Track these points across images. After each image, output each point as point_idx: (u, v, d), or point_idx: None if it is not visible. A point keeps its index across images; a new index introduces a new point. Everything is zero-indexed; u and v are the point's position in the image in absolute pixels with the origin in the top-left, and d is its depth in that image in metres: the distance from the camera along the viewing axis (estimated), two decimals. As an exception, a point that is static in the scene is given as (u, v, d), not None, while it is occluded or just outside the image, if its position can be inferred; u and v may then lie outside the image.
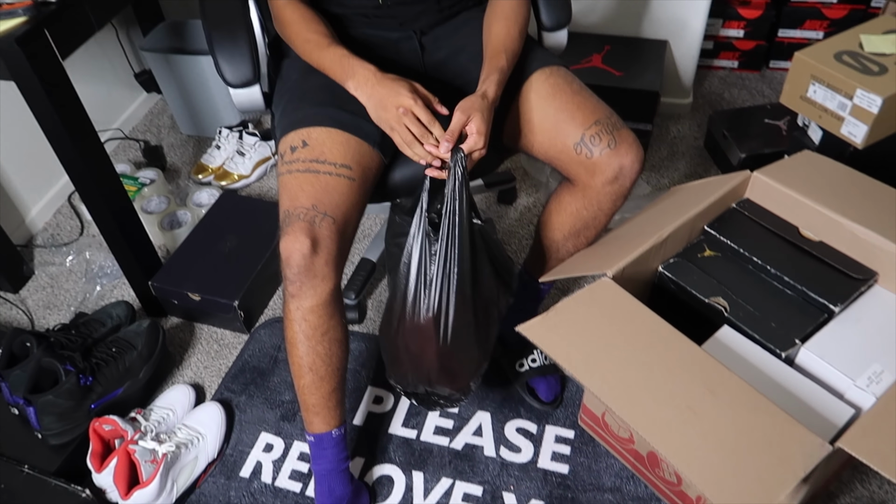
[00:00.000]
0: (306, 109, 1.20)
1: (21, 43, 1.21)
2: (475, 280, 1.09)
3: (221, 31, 1.25)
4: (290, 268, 1.09)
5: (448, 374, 1.16)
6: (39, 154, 1.94)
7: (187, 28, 2.18)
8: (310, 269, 1.08)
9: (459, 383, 1.18)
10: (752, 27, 2.21)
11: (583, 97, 1.20)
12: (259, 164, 2.09)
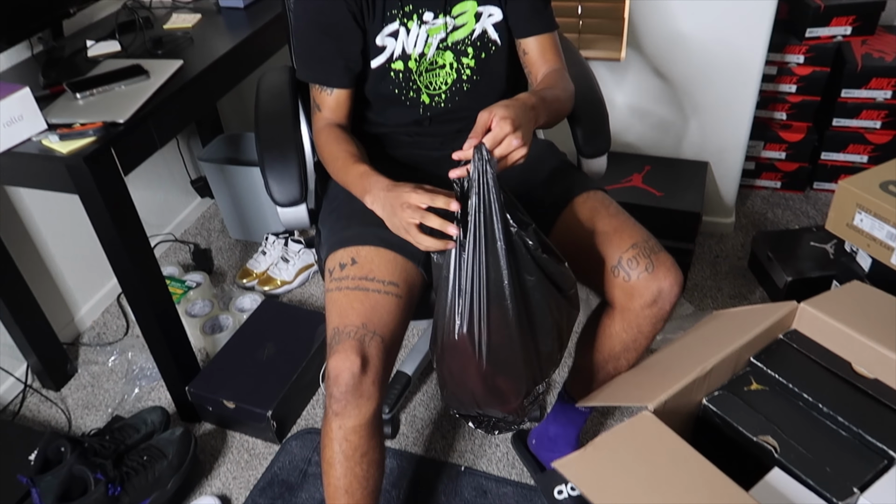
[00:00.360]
0: (354, 228, 1.22)
1: (88, 162, 1.29)
2: (516, 291, 1.01)
3: (273, 153, 1.31)
4: (338, 386, 1.08)
5: (494, 395, 1.11)
6: (93, 255, 2.02)
7: (243, 140, 2.30)
8: (357, 388, 1.08)
9: (510, 405, 1.13)
10: (794, 150, 2.22)
11: (620, 220, 1.22)
12: (302, 270, 2.14)
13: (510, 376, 1.10)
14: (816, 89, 2.13)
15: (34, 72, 1.61)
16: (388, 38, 1.22)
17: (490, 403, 1.12)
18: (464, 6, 1.23)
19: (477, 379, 1.09)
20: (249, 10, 1.90)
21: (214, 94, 1.73)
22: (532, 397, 1.13)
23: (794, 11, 2.04)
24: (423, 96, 1.27)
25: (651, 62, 1.96)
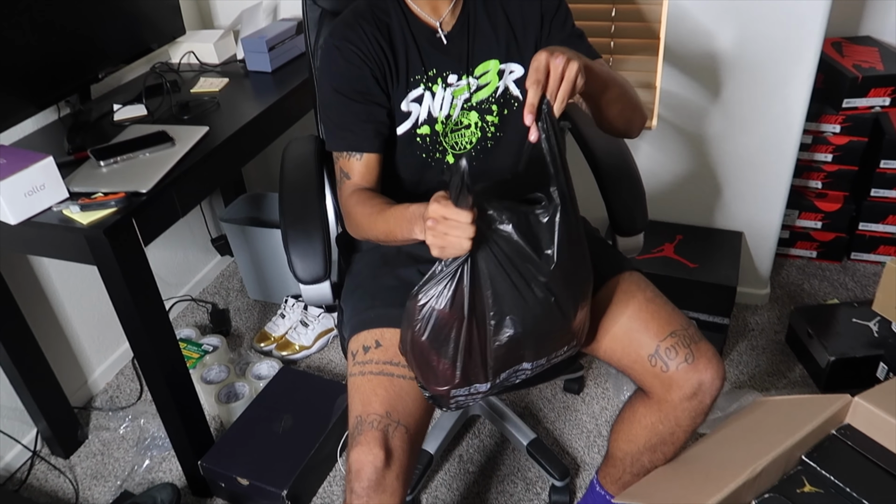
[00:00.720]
0: (379, 309, 1.19)
1: (109, 234, 1.26)
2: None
3: (297, 229, 1.27)
4: (360, 481, 1.03)
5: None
6: (110, 315, 1.98)
7: (266, 200, 2.27)
8: (380, 483, 1.03)
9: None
10: (831, 219, 2.15)
11: (657, 305, 1.16)
12: (321, 335, 2.08)
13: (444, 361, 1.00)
14: (853, 159, 2.07)
15: (59, 136, 1.60)
16: (412, 104, 1.20)
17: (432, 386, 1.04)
18: (486, 65, 1.22)
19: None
20: (276, 75, 1.89)
21: (240, 161, 1.70)
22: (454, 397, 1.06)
23: (830, 81, 1.99)
24: (449, 157, 1.24)
25: (683, 130, 1.92)
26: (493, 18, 1.22)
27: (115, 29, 1.73)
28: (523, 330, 0.99)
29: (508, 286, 0.97)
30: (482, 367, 1.03)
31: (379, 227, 1.11)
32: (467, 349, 1.00)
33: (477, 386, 1.05)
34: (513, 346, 1.01)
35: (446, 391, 1.05)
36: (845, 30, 2.14)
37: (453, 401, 1.08)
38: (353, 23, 1.18)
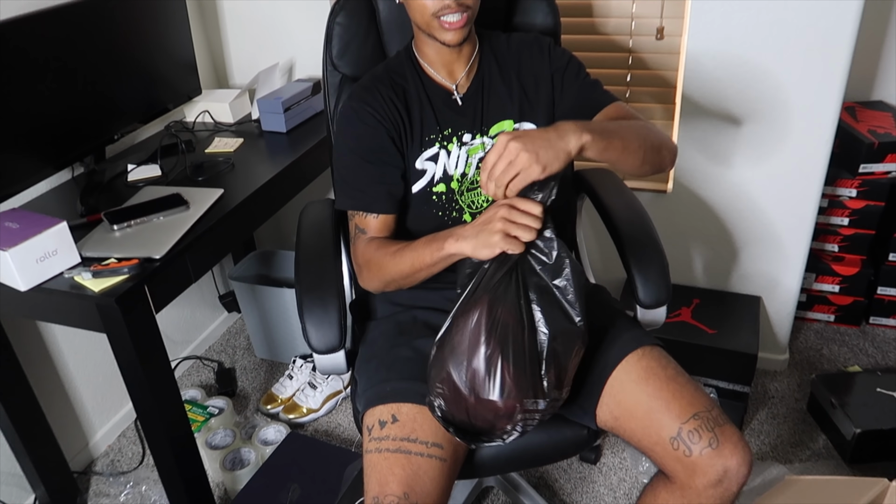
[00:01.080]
0: (395, 383, 1.16)
1: (120, 302, 1.23)
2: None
3: (313, 296, 1.23)
4: None
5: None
6: (115, 375, 1.94)
7: (276, 258, 2.25)
8: None
9: (504, 408, 1.01)
10: (849, 283, 2.12)
11: (678, 384, 1.10)
12: (330, 397, 2.03)
13: (511, 369, 1.00)
14: (870, 223, 2.05)
15: (72, 196, 1.59)
16: (427, 162, 1.22)
17: (482, 403, 1.01)
18: (501, 125, 1.24)
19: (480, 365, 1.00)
20: (291, 135, 1.89)
21: (254, 224, 1.68)
22: (523, 412, 1.02)
23: (846, 146, 1.99)
24: (466, 216, 1.24)
25: (699, 193, 1.91)
26: (506, 80, 1.25)
27: (133, 89, 1.73)
28: (564, 342, 1.02)
29: (548, 301, 1.03)
30: (541, 378, 1.01)
31: (405, 259, 1.12)
32: (530, 354, 1.01)
33: (539, 402, 1.02)
34: (558, 362, 1.02)
35: (513, 408, 1.01)
36: (858, 94, 2.15)
37: (519, 423, 1.03)
38: (370, 86, 1.22)
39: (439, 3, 1.11)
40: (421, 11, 1.14)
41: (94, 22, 1.59)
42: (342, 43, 1.42)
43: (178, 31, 1.86)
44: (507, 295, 1.01)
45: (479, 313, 1.01)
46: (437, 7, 1.11)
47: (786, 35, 1.64)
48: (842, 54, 1.61)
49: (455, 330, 1.02)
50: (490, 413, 1.02)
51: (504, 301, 1.01)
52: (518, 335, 1.00)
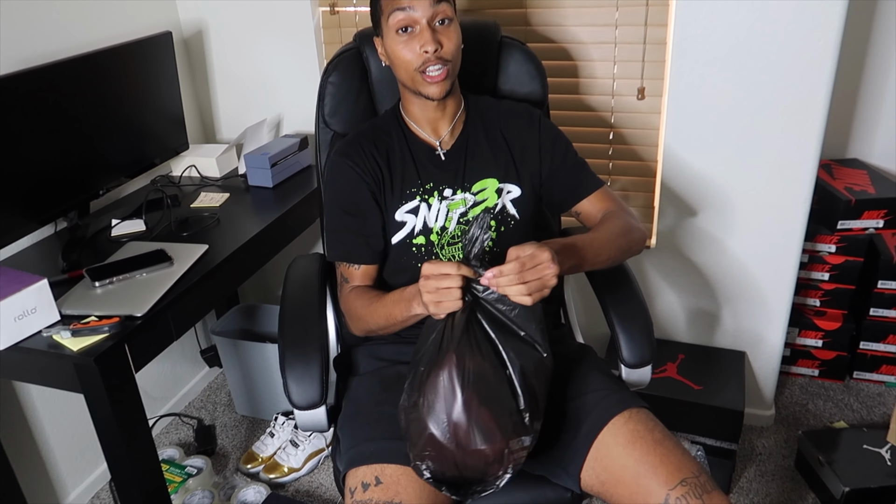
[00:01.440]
0: (379, 443, 1.14)
1: (99, 362, 1.20)
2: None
3: (295, 351, 1.22)
4: None
5: (477, 437, 1.02)
6: (88, 435, 1.90)
7: (259, 312, 2.23)
8: None
9: (491, 451, 1.02)
10: (831, 338, 2.13)
11: (666, 448, 1.09)
12: (312, 456, 1.98)
13: (491, 413, 1.02)
14: (850, 278, 2.08)
15: (55, 251, 1.57)
16: (407, 215, 1.26)
17: (471, 454, 1.01)
18: (485, 183, 1.28)
19: (461, 418, 1.01)
20: (278, 190, 1.90)
21: (238, 279, 1.67)
22: (511, 453, 1.03)
23: (824, 203, 2.03)
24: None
25: (681, 249, 1.93)
26: (491, 141, 1.30)
27: (121, 144, 1.74)
28: (533, 376, 1.04)
29: (510, 337, 1.05)
30: (520, 415, 1.03)
31: (379, 312, 1.18)
32: (504, 395, 1.02)
33: (524, 439, 1.04)
34: (532, 398, 1.04)
35: (501, 452, 1.02)
36: (835, 153, 2.21)
37: (510, 465, 1.03)
38: (353, 142, 1.29)
39: (421, 58, 1.18)
40: (405, 67, 1.20)
41: (85, 78, 1.61)
42: (334, 101, 1.45)
43: (168, 87, 1.88)
44: (472, 344, 1.03)
45: (448, 368, 1.02)
46: (419, 62, 1.18)
47: (763, 95, 1.69)
48: (817, 114, 1.66)
49: (428, 389, 1.03)
50: (480, 461, 1.03)
51: (470, 351, 1.03)
52: (490, 378, 1.03)
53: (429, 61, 1.18)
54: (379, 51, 1.27)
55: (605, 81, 1.82)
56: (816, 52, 1.61)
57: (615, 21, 1.75)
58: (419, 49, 1.17)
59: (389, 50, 1.22)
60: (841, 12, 1.56)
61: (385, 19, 1.20)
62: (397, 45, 1.19)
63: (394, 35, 1.19)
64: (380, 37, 1.25)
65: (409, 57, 1.18)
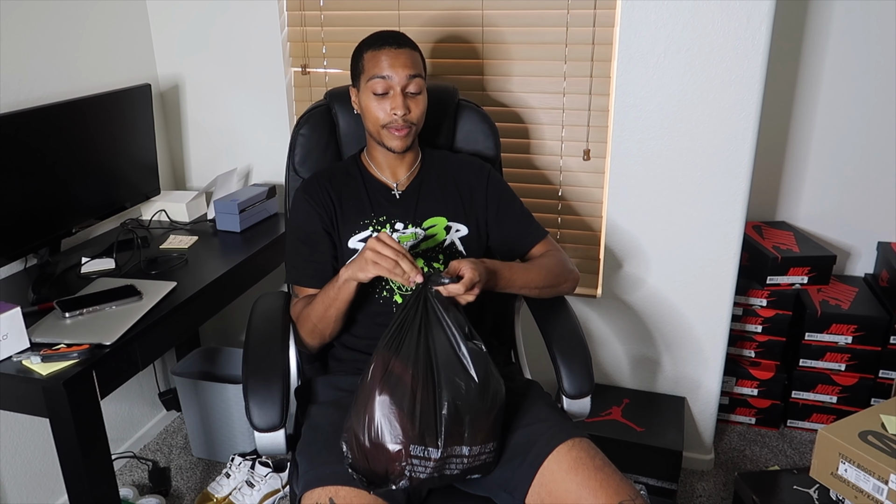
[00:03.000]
0: (335, 466, 1.19)
1: (67, 386, 1.26)
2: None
3: (258, 376, 1.29)
4: None
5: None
6: (42, 472, 1.90)
7: (220, 355, 2.28)
8: None
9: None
10: (766, 387, 2.27)
11: (605, 474, 1.17)
12: (267, 496, 2.01)
13: (399, 417, 1.12)
14: (781, 331, 2.23)
15: (24, 286, 1.62)
16: (359, 243, 1.41)
17: (377, 448, 1.12)
18: (434, 220, 1.45)
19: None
20: (245, 235, 1.99)
21: (203, 316, 1.74)
22: (410, 458, 1.12)
23: (754, 260, 2.20)
24: (397, 296, 1.40)
25: (625, 299, 2.06)
26: (442, 184, 1.47)
27: (94, 187, 1.82)
28: (464, 400, 1.13)
29: (453, 356, 1.16)
30: (434, 429, 1.12)
31: (317, 302, 1.35)
32: (423, 405, 1.12)
33: (430, 450, 1.12)
34: (456, 418, 1.12)
35: (400, 453, 1.10)
36: (764, 215, 2.40)
37: (407, 468, 1.11)
38: (314, 179, 1.48)
39: (389, 117, 1.37)
40: (374, 122, 1.39)
41: (65, 124, 1.70)
42: (304, 151, 1.58)
43: (144, 135, 1.98)
44: (402, 350, 1.15)
45: (374, 366, 1.16)
46: (387, 120, 1.37)
47: (693, 161, 1.86)
48: (741, 179, 1.84)
49: (360, 385, 1.17)
50: (383, 457, 1.12)
51: (398, 355, 1.15)
52: (410, 387, 1.12)
53: (395, 122, 1.37)
54: (353, 98, 1.46)
55: (554, 143, 1.99)
56: (739, 125, 1.80)
57: (563, 90, 1.93)
58: (390, 110, 1.36)
59: (363, 104, 1.40)
60: (759, 90, 1.76)
61: (364, 78, 1.39)
62: (371, 103, 1.38)
63: (370, 93, 1.38)
64: (356, 88, 1.43)
65: (380, 115, 1.38)
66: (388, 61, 1.36)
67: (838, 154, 2.28)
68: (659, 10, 1.77)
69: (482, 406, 1.15)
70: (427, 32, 1.97)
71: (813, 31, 2.19)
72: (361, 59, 1.40)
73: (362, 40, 1.43)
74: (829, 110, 2.25)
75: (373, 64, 1.37)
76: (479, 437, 1.15)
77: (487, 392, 1.16)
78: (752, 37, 1.72)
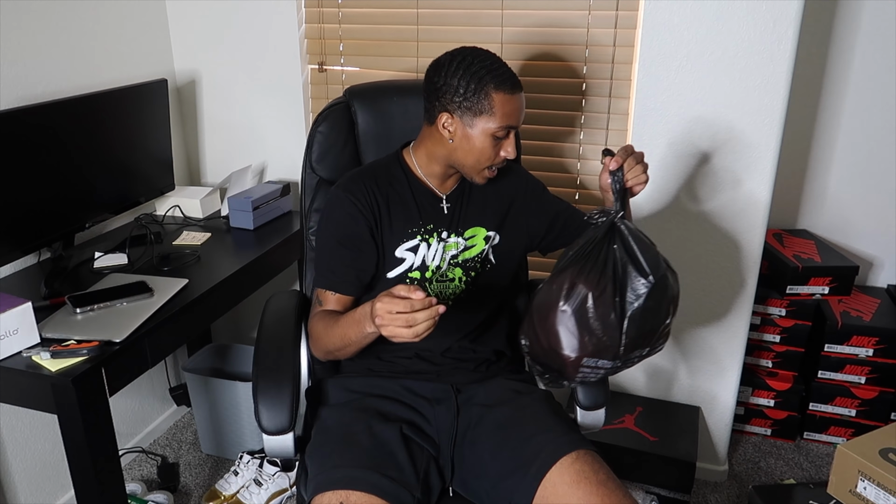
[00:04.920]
0: (346, 470, 1.17)
1: (76, 383, 1.25)
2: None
3: (268, 378, 1.28)
4: None
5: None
6: (51, 466, 1.90)
7: (231, 352, 2.27)
8: None
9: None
10: (783, 398, 2.23)
11: (608, 489, 1.14)
12: (275, 495, 2.00)
13: (579, 330, 1.19)
14: (799, 341, 2.19)
15: (37, 280, 1.62)
16: (407, 252, 1.35)
17: (553, 353, 1.20)
18: (476, 230, 1.40)
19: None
20: (258, 232, 1.98)
21: (214, 314, 1.73)
22: (584, 368, 1.21)
23: (774, 269, 2.16)
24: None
25: (641, 306, 2.03)
26: (485, 193, 1.41)
27: (109, 182, 1.82)
28: (640, 317, 1.18)
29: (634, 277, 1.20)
30: (611, 344, 1.18)
31: (335, 332, 1.24)
32: (603, 321, 1.17)
33: (602, 362, 1.21)
34: (635, 331, 1.18)
35: (574, 361, 1.20)
36: (786, 223, 2.36)
37: (580, 375, 1.23)
38: (357, 178, 1.37)
39: (498, 160, 1.31)
40: (478, 159, 1.30)
41: (82, 118, 1.70)
42: (322, 149, 1.55)
43: (159, 130, 1.97)
44: (588, 270, 1.19)
45: (560, 281, 1.20)
46: (495, 161, 1.31)
47: (714, 169, 1.83)
48: (763, 187, 1.80)
49: (546, 289, 1.22)
50: (558, 362, 1.21)
51: (585, 275, 1.18)
52: (589, 304, 1.17)
53: (502, 162, 1.32)
54: (446, 123, 1.29)
55: (572, 146, 1.96)
56: (762, 131, 1.76)
57: (583, 91, 1.90)
58: (502, 153, 1.30)
59: (474, 141, 1.28)
60: (784, 95, 1.72)
61: (489, 120, 1.26)
62: (485, 143, 1.28)
63: (488, 136, 1.27)
64: (458, 118, 1.28)
65: (490, 154, 1.29)
66: (519, 110, 1.28)
67: (862, 162, 2.23)
68: (683, 13, 1.73)
69: (659, 321, 1.22)
70: (445, 32, 1.94)
71: (840, 35, 2.14)
72: (489, 98, 1.25)
73: (482, 70, 1.26)
74: (854, 117, 2.20)
75: (505, 111, 1.26)
76: (658, 342, 1.24)
77: (662, 305, 1.21)
78: (779, 40, 1.68)
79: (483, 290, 1.40)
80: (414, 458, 1.22)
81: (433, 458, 1.26)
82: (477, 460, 1.24)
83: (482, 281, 1.40)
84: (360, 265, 1.33)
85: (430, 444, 1.26)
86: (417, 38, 1.97)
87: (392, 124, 1.56)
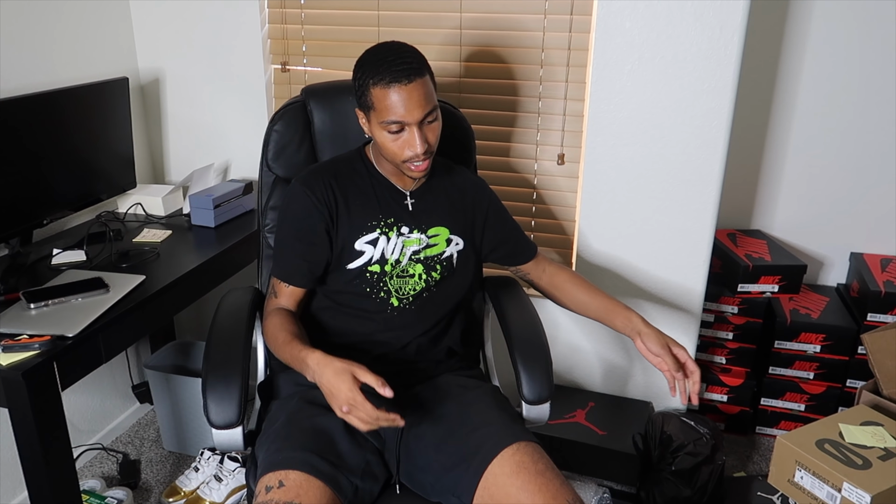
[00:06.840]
0: (288, 451, 1.20)
1: (27, 377, 1.26)
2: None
3: (217, 373, 1.30)
4: None
5: None
6: (7, 461, 1.90)
7: (194, 349, 2.28)
8: None
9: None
10: (735, 394, 2.29)
11: (546, 478, 1.17)
12: (235, 491, 2.01)
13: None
14: (752, 338, 2.25)
15: (-8, 276, 1.63)
16: (366, 245, 1.37)
17: None
18: (439, 230, 1.42)
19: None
20: (220, 230, 1.99)
21: (171, 311, 1.75)
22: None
23: (726, 268, 2.22)
24: (393, 299, 1.38)
25: (597, 304, 2.07)
26: (451, 197, 1.44)
27: (70, 179, 1.83)
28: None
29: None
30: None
31: (283, 351, 1.29)
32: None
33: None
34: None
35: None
36: (739, 223, 2.42)
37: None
38: (316, 173, 1.39)
39: (410, 153, 1.27)
40: (392, 157, 1.30)
41: (42, 114, 1.70)
42: (277, 147, 1.58)
43: (120, 128, 1.98)
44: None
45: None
46: (406, 156, 1.28)
47: (665, 168, 1.88)
48: (712, 186, 1.86)
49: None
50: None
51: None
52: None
53: (416, 157, 1.28)
54: (361, 121, 1.32)
55: (529, 146, 2.00)
56: (711, 133, 1.82)
57: (539, 94, 1.94)
58: (407, 148, 1.26)
59: (378, 139, 1.29)
60: (731, 99, 1.77)
61: (375, 117, 1.26)
62: (387, 141, 1.27)
63: (384, 132, 1.26)
64: (364, 114, 1.30)
65: (396, 150, 1.28)
66: (401, 103, 1.22)
67: (814, 164, 2.30)
68: (634, 18, 1.78)
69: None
70: (406, 33, 1.97)
71: (791, 39, 2.21)
72: (368, 93, 1.24)
73: (363, 59, 1.27)
74: (806, 120, 2.27)
75: (383, 106, 1.23)
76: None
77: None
78: (725, 46, 1.74)
79: (444, 292, 1.44)
80: (356, 448, 1.25)
81: (378, 451, 1.29)
82: (422, 454, 1.27)
83: (444, 284, 1.44)
84: (313, 258, 1.36)
85: (374, 437, 1.29)
86: (379, 39, 2.01)
87: (348, 124, 1.58)
